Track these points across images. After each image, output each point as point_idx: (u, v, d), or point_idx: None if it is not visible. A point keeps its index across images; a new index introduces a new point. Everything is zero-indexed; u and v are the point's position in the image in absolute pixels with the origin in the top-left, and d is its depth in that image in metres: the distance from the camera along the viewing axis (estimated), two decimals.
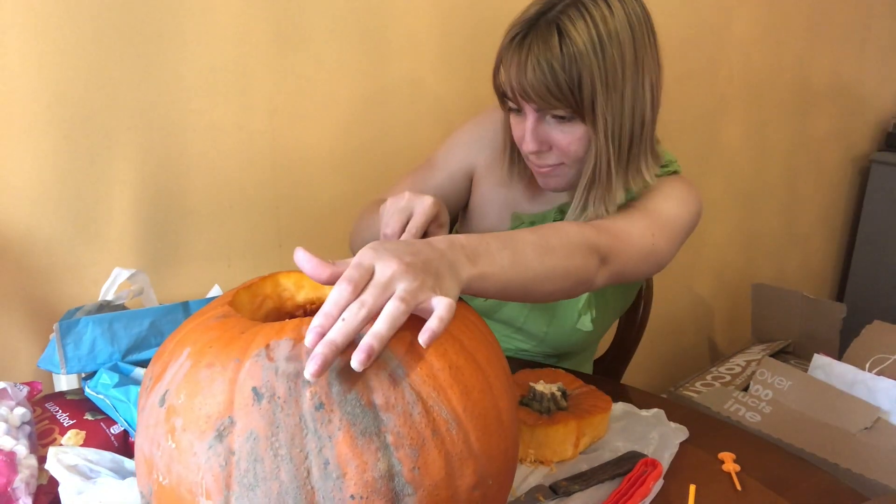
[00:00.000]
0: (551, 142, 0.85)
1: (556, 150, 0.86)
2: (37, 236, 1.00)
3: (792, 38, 2.11)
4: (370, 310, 0.47)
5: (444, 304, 0.48)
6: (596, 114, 0.82)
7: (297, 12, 1.15)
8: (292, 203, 1.22)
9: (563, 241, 0.73)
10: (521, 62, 0.80)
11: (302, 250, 0.52)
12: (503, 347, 0.86)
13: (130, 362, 0.80)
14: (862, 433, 1.42)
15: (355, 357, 0.44)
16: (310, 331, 0.45)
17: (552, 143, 0.85)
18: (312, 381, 0.45)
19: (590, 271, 0.76)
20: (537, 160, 0.87)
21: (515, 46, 0.81)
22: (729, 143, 2.05)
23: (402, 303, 0.47)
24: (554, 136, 0.85)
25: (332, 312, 0.46)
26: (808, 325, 2.03)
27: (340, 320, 0.46)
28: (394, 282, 0.49)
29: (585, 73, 0.80)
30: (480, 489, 0.49)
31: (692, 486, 0.67)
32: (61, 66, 0.97)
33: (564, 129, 0.84)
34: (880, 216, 2.46)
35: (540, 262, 0.68)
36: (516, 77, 0.81)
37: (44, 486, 0.65)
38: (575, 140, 0.84)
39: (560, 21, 0.79)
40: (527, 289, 0.67)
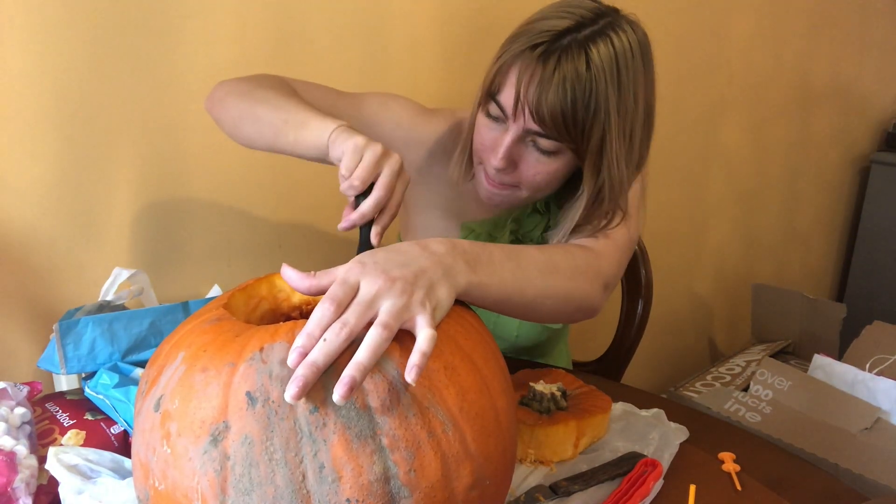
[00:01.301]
0: (519, 164, 0.82)
1: (519, 173, 0.83)
2: (37, 236, 1.00)
3: (792, 38, 2.11)
4: (352, 330, 0.46)
5: (425, 337, 0.47)
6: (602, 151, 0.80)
7: (297, 12, 1.15)
8: (292, 203, 1.22)
9: (570, 264, 0.72)
10: (544, 79, 0.75)
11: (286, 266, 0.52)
12: None
13: (130, 362, 0.80)
14: (862, 433, 1.42)
15: (337, 390, 0.43)
16: (292, 351, 0.45)
17: (519, 165, 0.82)
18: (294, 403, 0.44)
19: (593, 298, 0.74)
20: (494, 175, 0.84)
21: (540, 60, 0.76)
22: (729, 143, 2.05)
23: (384, 329, 0.46)
24: (526, 160, 0.82)
25: (314, 333, 0.46)
26: (808, 326, 2.03)
27: (322, 340, 0.45)
28: (378, 300, 0.48)
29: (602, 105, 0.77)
30: (478, 490, 0.48)
31: (692, 486, 0.67)
32: (61, 66, 0.97)
33: (541, 159, 0.81)
34: (880, 216, 2.46)
35: (543, 280, 0.67)
36: (535, 93, 0.76)
37: (44, 486, 0.65)
38: (545, 172, 0.82)
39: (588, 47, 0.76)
40: (526, 305, 0.66)
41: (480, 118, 0.84)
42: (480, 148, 0.85)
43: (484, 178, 0.86)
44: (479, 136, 0.84)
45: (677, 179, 1.93)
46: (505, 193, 0.86)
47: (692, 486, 0.67)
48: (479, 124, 0.85)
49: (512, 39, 0.80)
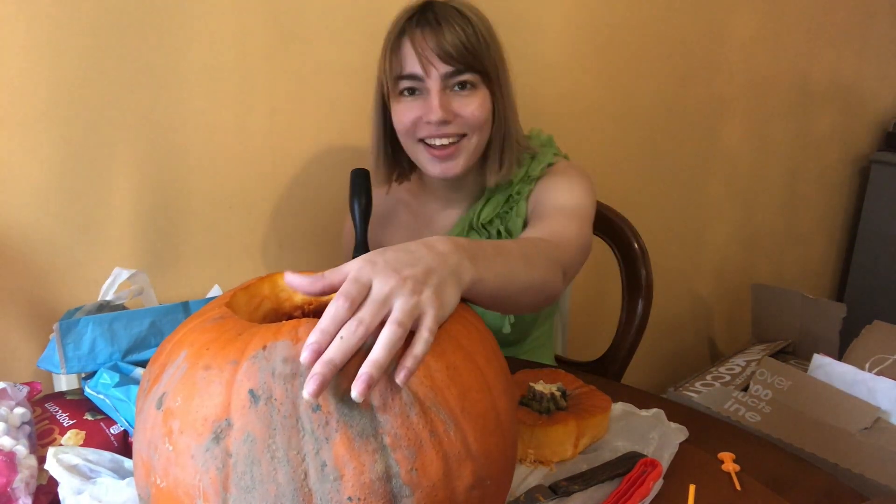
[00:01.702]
0: (455, 111, 0.91)
1: (459, 119, 0.92)
2: (37, 236, 1.00)
3: (792, 38, 2.11)
4: (368, 328, 0.46)
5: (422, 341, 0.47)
6: (499, 78, 0.93)
7: (297, 13, 1.15)
8: (292, 203, 1.22)
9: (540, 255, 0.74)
10: (434, 29, 0.89)
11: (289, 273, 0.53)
12: None
13: (130, 362, 0.80)
14: (862, 433, 1.42)
15: (355, 387, 0.44)
16: (306, 348, 0.45)
17: (456, 112, 0.91)
18: (311, 400, 0.44)
19: (557, 286, 0.77)
20: (440, 132, 0.91)
21: (420, 21, 0.90)
22: (729, 143, 2.05)
23: (398, 327, 0.47)
24: (457, 105, 0.91)
25: (329, 329, 0.46)
26: (808, 325, 2.03)
27: (338, 338, 0.45)
28: (391, 298, 0.48)
29: (490, 40, 0.92)
30: (479, 489, 0.49)
31: (692, 486, 0.67)
32: (62, 66, 0.97)
33: (466, 97, 0.92)
34: (880, 216, 2.46)
35: (526, 272, 0.68)
36: (433, 41, 0.88)
37: (44, 486, 0.65)
38: (478, 106, 0.92)
39: (452, 4, 0.92)
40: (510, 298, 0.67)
41: (395, 107, 0.94)
42: (410, 127, 0.93)
43: (428, 151, 0.94)
44: (404, 118, 0.93)
45: (677, 179, 1.93)
46: (453, 153, 0.93)
47: (692, 486, 0.67)
48: (397, 112, 0.94)
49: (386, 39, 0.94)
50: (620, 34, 1.64)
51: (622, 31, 1.64)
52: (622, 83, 1.68)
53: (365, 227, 0.92)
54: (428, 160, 0.95)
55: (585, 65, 1.60)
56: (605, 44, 1.62)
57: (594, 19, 1.58)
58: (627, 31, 1.65)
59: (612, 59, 1.64)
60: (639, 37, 1.68)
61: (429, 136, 0.93)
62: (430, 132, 0.92)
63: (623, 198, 1.51)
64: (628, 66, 1.68)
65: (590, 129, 1.65)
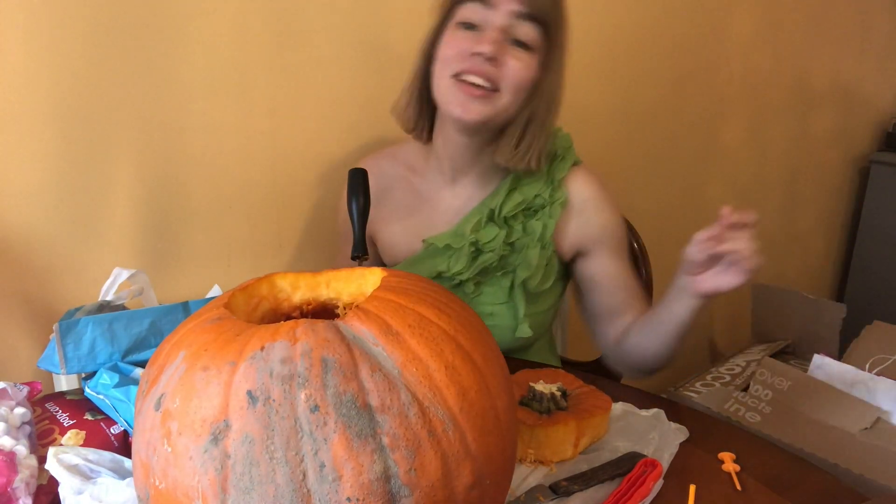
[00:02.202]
0: (503, 61, 0.88)
1: (503, 70, 0.88)
2: (37, 236, 1.00)
3: (792, 38, 2.11)
4: None
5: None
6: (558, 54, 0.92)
7: (297, 12, 1.15)
8: (292, 203, 1.22)
9: None
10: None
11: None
12: None
13: (130, 362, 0.80)
14: (862, 433, 1.42)
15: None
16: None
17: (504, 62, 0.88)
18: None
19: None
20: (480, 69, 0.87)
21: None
22: (729, 144, 2.05)
23: None
24: (509, 58, 0.88)
25: None
26: (808, 325, 2.02)
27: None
28: None
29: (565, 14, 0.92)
30: (478, 489, 0.49)
31: (692, 486, 0.67)
32: (61, 66, 0.97)
33: (521, 56, 0.89)
34: (880, 216, 2.45)
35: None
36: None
37: (44, 486, 0.65)
38: (525, 66, 0.89)
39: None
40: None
41: (447, 36, 0.91)
42: (454, 56, 0.89)
43: (460, 89, 0.90)
44: (454, 44, 0.89)
45: (677, 179, 1.93)
46: (482, 97, 0.89)
47: (692, 486, 0.67)
48: (447, 40, 0.91)
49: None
50: (620, 34, 1.64)
51: (622, 31, 1.64)
52: (622, 83, 1.68)
53: (363, 226, 0.92)
54: (455, 96, 0.89)
55: (585, 65, 1.59)
56: (604, 43, 1.62)
57: (594, 19, 1.58)
58: (627, 30, 1.65)
59: (612, 59, 1.64)
60: (639, 37, 1.68)
61: (468, 69, 0.88)
62: (472, 66, 0.87)
63: (623, 198, 1.51)
64: (628, 66, 1.68)
65: (590, 128, 1.64)
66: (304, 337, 0.47)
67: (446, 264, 0.98)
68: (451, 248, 0.98)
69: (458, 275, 0.97)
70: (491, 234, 0.98)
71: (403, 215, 1.06)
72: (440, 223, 1.03)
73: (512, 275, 0.98)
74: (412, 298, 0.53)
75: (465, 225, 0.99)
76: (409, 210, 1.05)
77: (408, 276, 0.59)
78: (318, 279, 0.64)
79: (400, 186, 1.07)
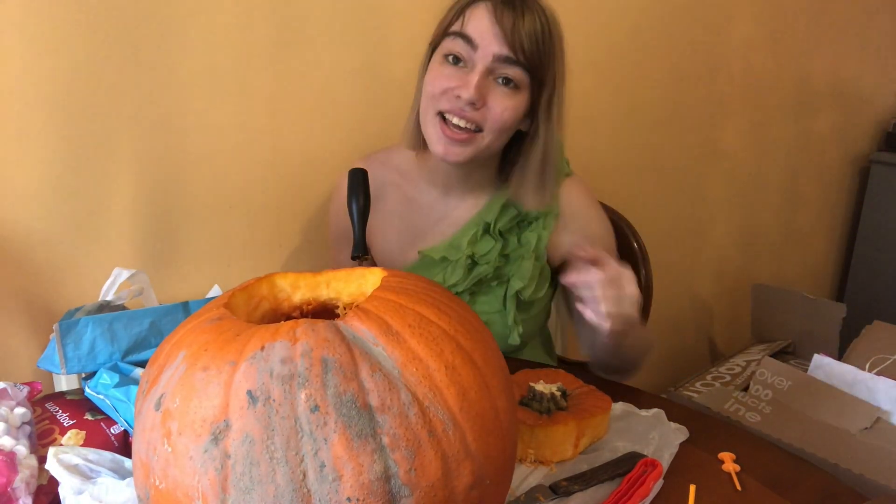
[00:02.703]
0: (487, 101, 0.88)
1: (485, 111, 0.88)
2: (37, 236, 1.00)
3: (792, 38, 2.11)
4: None
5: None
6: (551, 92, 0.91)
7: (297, 12, 1.15)
8: (292, 203, 1.22)
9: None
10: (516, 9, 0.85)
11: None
12: None
13: (130, 362, 0.80)
14: (862, 433, 1.42)
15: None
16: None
17: (487, 102, 0.88)
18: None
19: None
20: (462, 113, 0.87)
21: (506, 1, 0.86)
22: (729, 144, 2.05)
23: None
24: (493, 94, 0.88)
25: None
26: (808, 325, 2.02)
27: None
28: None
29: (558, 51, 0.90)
30: (478, 489, 0.49)
31: (692, 486, 0.67)
32: (61, 66, 0.97)
33: (504, 94, 0.88)
34: (880, 216, 2.46)
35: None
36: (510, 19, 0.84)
37: (44, 486, 0.65)
38: (510, 108, 0.88)
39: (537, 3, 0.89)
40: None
41: (432, 68, 0.90)
42: (439, 93, 0.89)
43: (441, 128, 0.89)
44: (437, 82, 0.89)
45: (677, 179, 1.93)
46: (464, 140, 0.89)
47: (692, 486, 0.67)
48: (434, 71, 0.90)
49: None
50: (620, 34, 1.64)
51: (622, 31, 1.64)
52: (622, 83, 1.68)
53: (363, 227, 0.92)
54: (437, 137, 0.90)
55: (585, 65, 1.59)
56: (604, 43, 1.62)
57: (594, 19, 1.58)
58: (627, 31, 1.65)
59: (612, 59, 1.64)
60: (639, 37, 1.68)
61: (450, 110, 0.88)
62: (453, 107, 0.88)
63: (623, 198, 1.51)
64: (628, 66, 1.68)
65: (590, 129, 1.64)
66: (304, 337, 0.47)
67: (442, 276, 0.99)
68: (447, 259, 0.99)
69: (453, 287, 0.98)
70: (486, 247, 0.98)
71: (396, 222, 1.06)
72: (433, 233, 1.03)
73: (506, 284, 0.99)
74: (412, 298, 0.53)
75: (461, 238, 0.99)
76: (402, 217, 1.05)
77: (408, 276, 0.59)
78: (318, 279, 0.64)
79: (392, 193, 1.07)
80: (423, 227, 1.04)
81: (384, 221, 1.06)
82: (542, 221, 0.99)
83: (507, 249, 0.99)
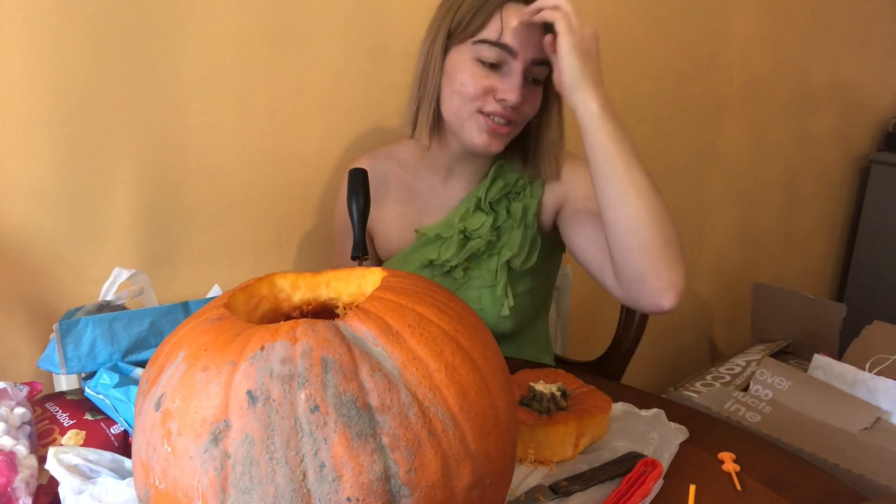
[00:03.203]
0: (523, 102, 0.93)
1: (521, 110, 0.94)
2: (37, 236, 1.00)
3: (792, 38, 2.11)
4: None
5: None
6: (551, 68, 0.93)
7: (297, 13, 1.15)
8: (292, 203, 1.22)
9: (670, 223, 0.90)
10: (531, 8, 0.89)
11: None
12: None
13: (130, 362, 0.80)
14: (862, 433, 1.42)
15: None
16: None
17: (523, 103, 0.93)
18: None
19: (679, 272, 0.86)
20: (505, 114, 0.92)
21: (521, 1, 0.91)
22: (729, 143, 2.05)
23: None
24: (524, 95, 0.92)
25: None
26: (808, 325, 2.02)
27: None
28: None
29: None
30: (478, 489, 0.49)
31: (692, 486, 0.67)
32: (61, 66, 0.97)
33: (532, 91, 0.95)
34: (880, 216, 2.46)
35: (647, 183, 0.93)
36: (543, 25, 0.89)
37: (44, 486, 0.65)
38: (536, 102, 0.96)
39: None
40: (623, 178, 0.89)
41: (466, 68, 0.92)
42: (479, 94, 0.92)
43: (486, 124, 0.94)
44: (474, 85, 0.92)
45: (677, 179, 1.93)
46: (505, 133, 0.95)
47: (692, 486, 0.67)
48: (469, 74, 0.92)
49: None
50: (620, 34, 1.64)
51: (622, 31, 1.64)
52: (622, 83, 1.68)
53: (363, 226, 0.92)
54: (479, 130, 0.94)
55: None
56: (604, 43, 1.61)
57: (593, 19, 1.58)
58: (627, 31, 1.65)
59: (612, 59, 1.64)
60: (639, 37, 1.68)
61: (495, 112, 0.92)
62: (496, 110, 0.92)
63: None
64: (628, 66, 1.68)
65: None
66: (304, 337, 0.47)
67: (437, 253, 1.02)
68: (441, 237, 1.02)
69: (447, 262, 1.01)
70: (479, 222, 1.01)
71: (398, 208, 1.09)
72: (431, 216, 1.07)
73: (497, 256, 1.01)
74: (412, 298, 0.53)
75: (454, 215, 1.03)
76: (403, 203, 1.09)
77: (408, 276, 0.59)
78: (318, 279, 0.64)
79: (394, 182, 1.10)
80: (423, 211, 1.08)
81: (388, 208, 1.09)
82: (530, 189, 1.02)
83: (498, 222, 1.02)
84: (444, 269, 1.02)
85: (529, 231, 1.02)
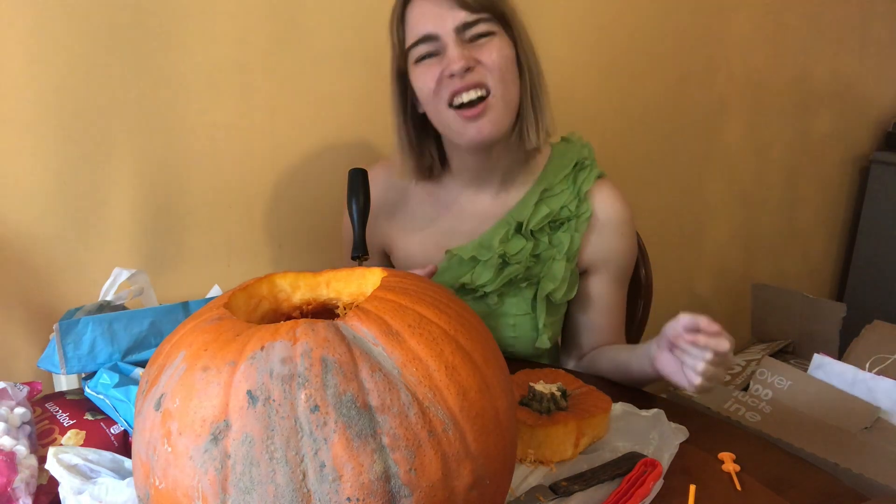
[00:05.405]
0: (477, 58, 0.88)
1: (481, 68, 0.88)
2: (37, 236, 1.00)
3: (792, 38, 2.11)
4: None
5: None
6: (519, 23, 0.91)
7: (297, 12, 1.15)
8: (292, 203, 1.22)
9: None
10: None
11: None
12: None
13: (130, 362, 0.80)
14: (862, 433, 1.42)
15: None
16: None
17: (478, 59, 0.88)
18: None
19: None
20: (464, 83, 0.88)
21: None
22: (729, 144, 2.05)
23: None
24: (479, 52, 0.88)
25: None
26: (808, 325, 2.02)
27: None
28: None
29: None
30: (478, 489, 0.49)
31: (692, 486, 0.67)
32: (61, 66, 0.97)
33: (486, 45, 0.89)
34: (880, 216, 2.45)
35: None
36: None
37: (44, 486, 0.65)
38: (497, 51, 0.89)
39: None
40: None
41: (415, 75, 0.91)
42: (435, 88, 0.90)
43: (462, 116, 0.90)
44: (427, 81, 0.90)
45: (677, 180, 1.93)
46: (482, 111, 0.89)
47: (692, 486, 0.67)
48: (417, 78, 0.91)
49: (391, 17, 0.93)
50: (620, 34, 1.64)
51: (622, 31, 1.64)
52: (622, 83, 1.68)
53: (363, 227, 0.92)
54: (459, 124, 0.90)
55: (585, 64, 1.59)
56: (604, 43, 1.62)
57: (593, 19, 1.58)
58: (627, 30, 1.65)
59: (612, 59, 1.64)
60: (639, 37, 1.68)
61: (454, 91, 0.88)
62: (455, 86, 0.88)
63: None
64: (628, 66, 1.68)
65: (589, 128, 1.64)
66: (304, 337, 0.47)
67: (470, 276, 0.98)
68: (476, 259, 0.98)
69: (482, 287, 0.97)
70: (518, 247, 0.97)
71: (421, 225, 1.05)
72: (462, 231, 1.01)
73: (536, 286, 0.98)
74: (412, 298, 0.53)
75: (491, 237, 0.98)
76: (428, 220, 1.04)
77: (408, 276, 0.59)
78: (318, 279, 0.64)
79: (416, 195, 1.05)
80: (452, 227, 1.03)
81: (408, 224, 1.05)
82: (575, 223, 0.98)
83: (538, 249, 0.98)
84: (476, 293, 0.98)
85: (571, 265, 0.98)
